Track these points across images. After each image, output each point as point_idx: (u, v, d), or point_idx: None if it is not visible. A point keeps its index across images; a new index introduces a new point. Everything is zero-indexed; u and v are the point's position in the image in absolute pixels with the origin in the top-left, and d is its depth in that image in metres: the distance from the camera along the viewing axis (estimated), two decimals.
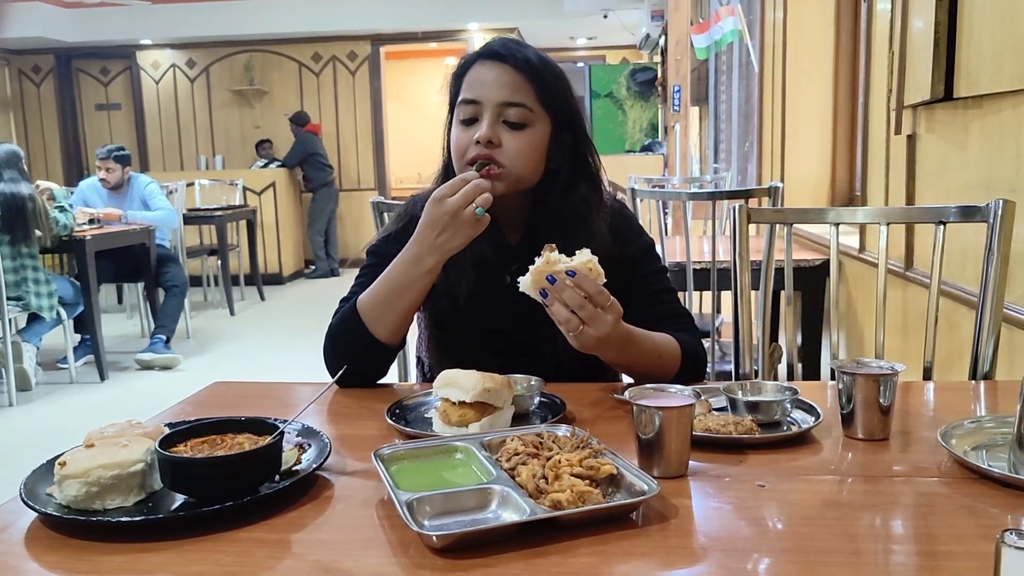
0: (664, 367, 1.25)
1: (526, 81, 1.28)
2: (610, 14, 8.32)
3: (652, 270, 1.40)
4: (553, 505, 0.78)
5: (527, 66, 1.28)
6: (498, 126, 1.26)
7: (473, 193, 1.17)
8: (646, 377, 1.22)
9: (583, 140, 1.36)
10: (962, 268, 1.84)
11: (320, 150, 8.48)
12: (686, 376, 1.26)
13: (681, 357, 1.27)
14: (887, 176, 2.36)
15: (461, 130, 1.29)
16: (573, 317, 1.09)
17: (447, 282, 1.32)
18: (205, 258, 6.81)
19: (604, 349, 1.16)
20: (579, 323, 1.09)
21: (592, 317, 1.09)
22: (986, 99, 1.74)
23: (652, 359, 1.24)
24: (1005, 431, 0.96)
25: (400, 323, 1.27)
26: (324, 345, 1.30)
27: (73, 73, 9.69)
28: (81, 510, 0.82)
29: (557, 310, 1.10)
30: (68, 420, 3.87)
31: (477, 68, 1.30)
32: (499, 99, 1.26)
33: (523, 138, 1.28)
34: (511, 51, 1.29)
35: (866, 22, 2.63)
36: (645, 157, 7.71)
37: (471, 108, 1.28)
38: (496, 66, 1.28)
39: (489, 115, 1.26)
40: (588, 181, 1.36)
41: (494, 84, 1.27)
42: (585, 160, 1.36)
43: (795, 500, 0.85)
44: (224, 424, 0.94)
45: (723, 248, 2.61)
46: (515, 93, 1.27)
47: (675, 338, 1.28)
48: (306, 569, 0.73)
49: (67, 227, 4.27)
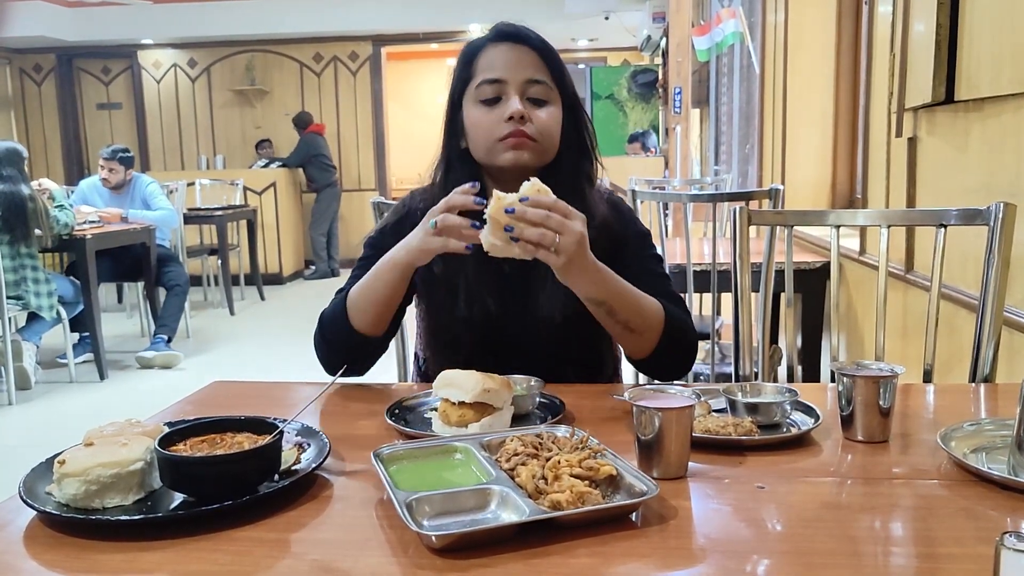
0: (646, 323, 1.22)
1: (543, 61, 1.31)
2: (611, 16, 8.32)
3: (645, 254, 1.39)
4: (552, 506, 0.78)
5: (542, 45, 1.32)
6: (524, 103, 1.28)
7: (442, 208, 1.15)
8: (627, 334, 1.22)
9: (583, 119, 1.38)
10: (963, 271, 1.84)
11: (324, 151, 8.47)
12: (670, 349, 1.25)
13: (664, 321, 1.24)
14: (888, 179, 2.36)
15: (484, 111, 1.30)
16: (545, 231, 1.08)
17: (447, 273, 1.32)
18: (205, 258, 6.81)
19: (582, 268, 1.13)
20: (552, 235, 1.08)
21: (561, 224, 1.09)
22: (987, 102, 1.74)
23: (632, 306, 1.21)
24: (1005, 434, 0.96)
25: (375, 317, 1.27)
26: (314, 333, 1.31)
27: (74, 72, 9.69)
28: (80, 509, 0.82)
29: (528, 233, 1.08)
30: (67, 419, 3.87)
31: (492, 50, 1.31)
32: (524, 77, 1.29)
33: (548, 113, 1.30)
34: (525, 32, 1.32)
35: (867, 25, 2.63)
36: (647, 159, 7.70)
37: (494, 88, 1.29)
38: (514, 46, 1.30)
39: (516, 92, 1.28)
40: (587, 159, 1.38)
41: (516, 63, 1.29)
42: (584, 139, 1.38)
43: (794, 502, 0.85)
44: (223, 423, 0.94)
45: (723, 250, 2.61)
46: (537, 71, 1.30)
47: (661, 304, 1.26)
48: (305, 569, 0.73)
49: (68, 225, 4.27)
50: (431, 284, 1.34)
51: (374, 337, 1.29)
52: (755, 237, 1.93)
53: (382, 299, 1.25)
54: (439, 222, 1.14)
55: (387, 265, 1.23)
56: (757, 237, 2.76)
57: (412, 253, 1.20)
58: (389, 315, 1.29)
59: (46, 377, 4.54)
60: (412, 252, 1.20)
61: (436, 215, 1.16)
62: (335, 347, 1.28)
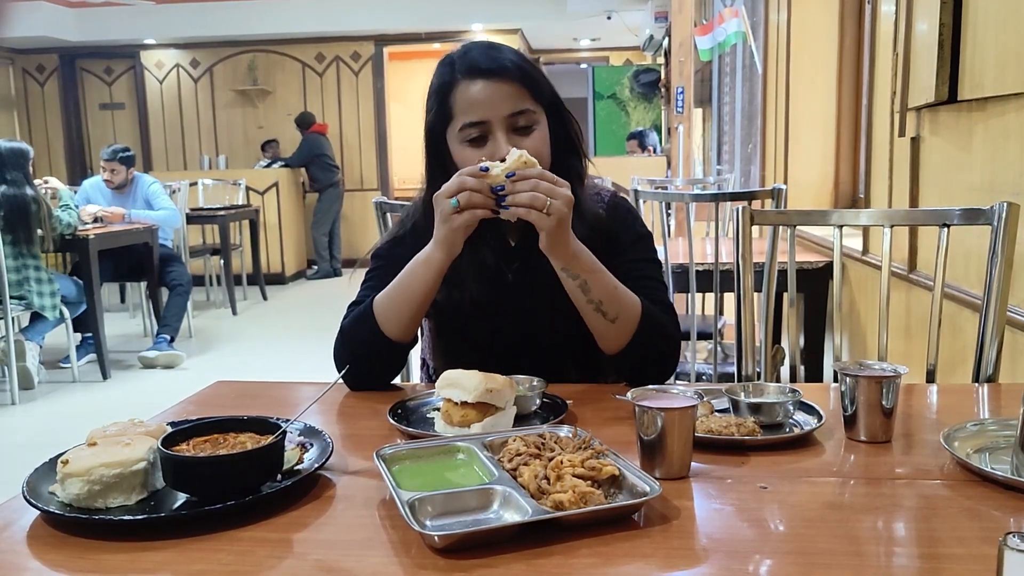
0: (620, 311, 1.22)
1: (520, 86, 1.26)
2: (614, 15, 8.32)
3: (641, 257, 1.37)
4: (555, 506, 0.78)
5: (517, 71, 1.26)
6: (510, 135, 1.26)
7: (455, 187, 1.16)
8: (600, 319, 1.22)
9: (566, 117, 1.36)
10: (966, 271, 1.84)
11: (327, 151, 8.48)
12: (645, 346, 1.24)
13: (641, 316, 1.24)
14: (891, 178, 2.35)
15: (471, 150, 1.27)
16: (537, 193, 1.12)
17: (451, 286, 1.32)
18: (208, 258, 6.82)
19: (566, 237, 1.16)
20: (544, 198, 1.12)
21: (551, 189, 1.13)
22: (990, 101, 1.74)
23: (608, 289, 1.21)
24: (1008, 434, 0.96)
25: (409, 320, 1.27)
26: (335, 345, 1.31)
27: (77, 72, 9.71)
28: (83, 508, 0.82)
29: (520, 198, 1.12)
30: (70, 419, 3.88)
31: (468, 88, 1.26)
32: (506, 112, 1.25)
33: (535, 139, 1.27)
34: (496, 61, 1.26)
35: (870, 24, 2.63)
36: (649, 159, 7.70)
37: (478, 129, 1.26)
38: (489, 83, 1.25)
39: (501, 130, 1.25)
40: (575, 155, 1.37)
41: (494, 99, 1.25)
42: (570, 137, 1.36)
43: (797, 502, 0.85)
44: (226, 423, 0.94)
45: (726, 250, 2.61)
46: (518, 101, 1.26)
47: (642, 301, 1.26)
48: (308, 568, 0.73)
49: (70, 225, 4.28)
50: (437, 295, 1.34)
51: (404, 343, 1.29)
52: (758, 237, 1.93)
53: (418, 300, 1.25)
54: (461, 200, 1.15)
55: (421, 265, 1.23)
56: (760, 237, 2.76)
57: (444, 245, 1.20)
58: (421, 317, 1.29)
59: (49, 377, 4.55)
60: (444, 244, 1.20)
61: (444, 199, 1.16)
62: (364, 358, 1.25)
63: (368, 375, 1.27)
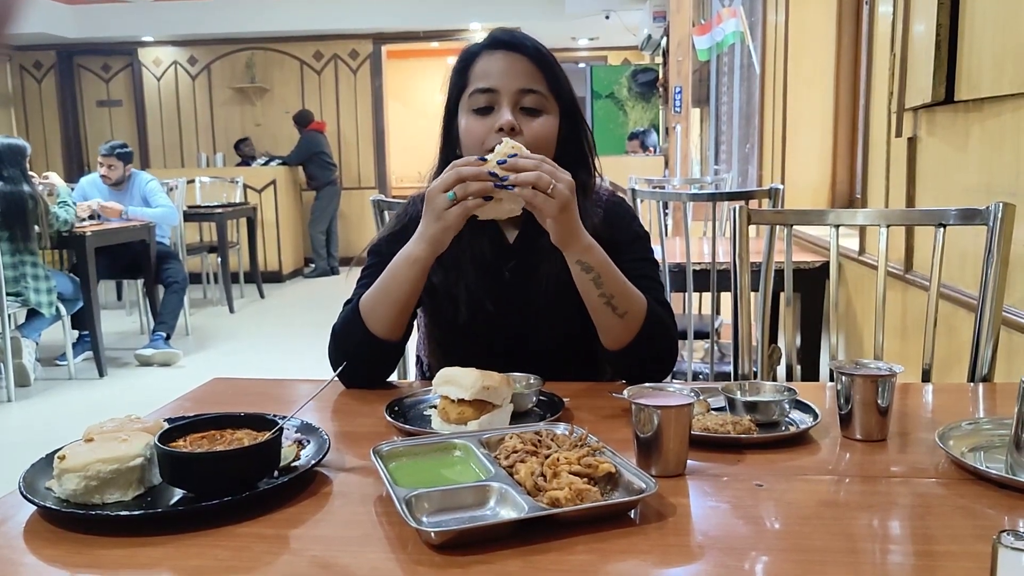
0: (629, 306, 1.21)
1: (538, 69, 1.29)
2: (612, 15, 8.32)
3: (638, 257, 1.37)
4: (551, 503, 0.78)
5: (538, 54, 1.29)
6: (517, 113, 1.27)
7: (451, 179, 1.13)
8: (610, 314, 1.20)
9: (583, 127, 1.36)
10: (962, 271, 1.84)
11: (325, 148, 8.47)
12: (648, 343, 1.24)
13: (647, 313, 1.23)
14: (887, 178, 2.36)
15: (476, 120, 1.28)
16: (541, 173, 1.09)
17: (447, 282, 1.32)
18: (205, 255, 6.81)
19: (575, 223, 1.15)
20: (548, 178, 1.09)
21: (552, 170, 1.11)
22: (987, 102, 1.74)
23: (619, 283, 1.21)
24: (1003, 433, 0.96)
25: (395, 318, 1.26)
26: (328, 345, 1.30)
27: (74, 69, 9.69)
28: (80, 504, 0.82)
29: (524, 177, 1.09)
30: (67, 416, 3.88)
31: (487, 58, 1.30)
32: (516, 86, 1.27)
33: (541, 124, 1.28)
34: (520, 39, 1.30)
35: (867, 25, 2.63)
36: (647, 159, 7.70)
37: (486, 97, 1.28)
38: (508, 55, 1.29)
39: (508, 102, 1.27)
40: (584, 168, 1.37)
41: (509, 72, 1.27)
42: (583, 148, 1.37)
43: (793, 500, 0.85)
44: (223, 420, 0.94)
45: (723, 249, 2.61)
46: (531, 80, 1.28)
47: (646, 298, 1.25)
48: (304, 564, 0.73)
49: (67, 222, 4.27)
50: (432, 292, 1.34)
51: (394, 341, 1.28)
52: (755, 236, 1.93)
53: (402, 298, 1.24)
54: (457, 191, 1.12)
55: (404, 262, 1.22)
56: (757, 236, 2.77)
57: (431, 240, 1.18)
58: (408, 315, 1.28)
59: (45, 374, 4.54)
60: (431, 239, 1.18)
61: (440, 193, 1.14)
62: (355, 357, 1.24)
63: (362, 374, 1.27)
